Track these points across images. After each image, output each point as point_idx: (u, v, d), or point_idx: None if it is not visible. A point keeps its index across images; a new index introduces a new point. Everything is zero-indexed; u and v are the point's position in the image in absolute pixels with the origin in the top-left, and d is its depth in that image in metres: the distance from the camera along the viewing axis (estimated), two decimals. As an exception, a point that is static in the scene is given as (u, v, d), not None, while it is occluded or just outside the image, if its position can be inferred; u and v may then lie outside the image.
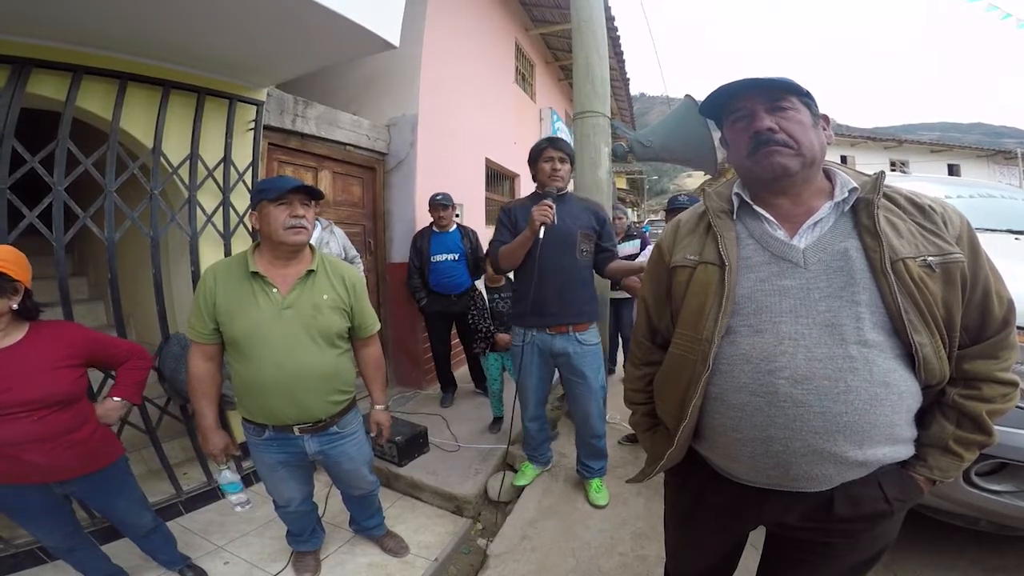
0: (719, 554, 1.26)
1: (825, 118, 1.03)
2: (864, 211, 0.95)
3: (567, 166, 2.35)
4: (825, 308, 0.92)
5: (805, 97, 1.00)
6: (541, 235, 2.12)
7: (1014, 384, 0.96)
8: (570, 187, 2.77)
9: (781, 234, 1.00)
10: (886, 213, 0.95)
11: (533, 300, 2.32)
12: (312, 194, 1.68)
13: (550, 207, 2.12)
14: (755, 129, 0.97)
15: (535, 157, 2.36)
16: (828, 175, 1.04)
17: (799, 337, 0.92)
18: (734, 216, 1.06)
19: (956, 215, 0.97)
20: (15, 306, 1.53)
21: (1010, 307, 0.96)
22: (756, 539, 1.24)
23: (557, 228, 2.23)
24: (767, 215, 1.02)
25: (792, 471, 0.95)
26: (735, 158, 1.05)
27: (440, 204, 3.69)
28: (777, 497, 1.01)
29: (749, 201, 1.04)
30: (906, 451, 0.97)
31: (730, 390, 0.98)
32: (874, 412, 0.89)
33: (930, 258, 0.91)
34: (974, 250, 0.94)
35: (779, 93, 0.98)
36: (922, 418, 0.98)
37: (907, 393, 0.91)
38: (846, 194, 0.97)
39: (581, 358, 2.39)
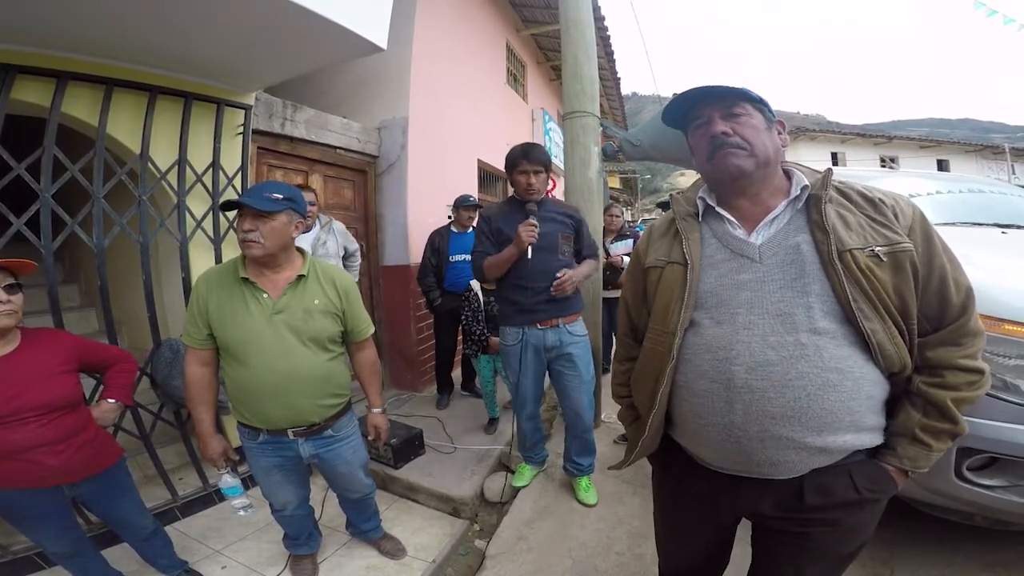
0: (703, 546, 1.28)
1: (781, 123, 1.09)
2: (814, 207, 1.00)
3: (542, 176, 2.40)
4: (779, 299, 0.97)
5: (758, 103, 1.05)
6: (530, 255, 2.24)
7: (979, 371, 0.98)
8: (560, 188, 2.77)
9: (740, 232, 1.06)
10: (838, 207, 1.00)
11: (523, 301, 2.38)
12: (254, 208, 1.57)
13: (534, 226, 2.21)
14: (711, 134, 1.04)
15: (510, 167, 2.41)
16: (788, 175, 1.09)
17: (753, 327, 0.98)
18: (699, 218, 1.13)
19: (908, 207, 1.01)
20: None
21: (968, 294, 0.98)
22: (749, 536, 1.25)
23: (540, 234, 2.32)
24: (728, 216, 1.08)
25: (754, 456, 1.00)
26: (698, 163, 1.12)
27: (472, 205, 3.77)
28: (749, 485, 1.05)
29: (711, 204, 1.11)
30: (872, 439, 0.99)
31: (693, 378, 1.05)
32: (826, 397, 0.93)
33: (877, 248, 0.94)
34: (928, 239, 0.98)
35: (733, 100, 1.04)
36: (893, 407, 1.01)
37: (865, 380, 0.94)
38: (799, 191, 1.02)
39: (572, 347, 2.45)
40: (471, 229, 3.83)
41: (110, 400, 1.84)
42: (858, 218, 0.99)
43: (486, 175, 6.16)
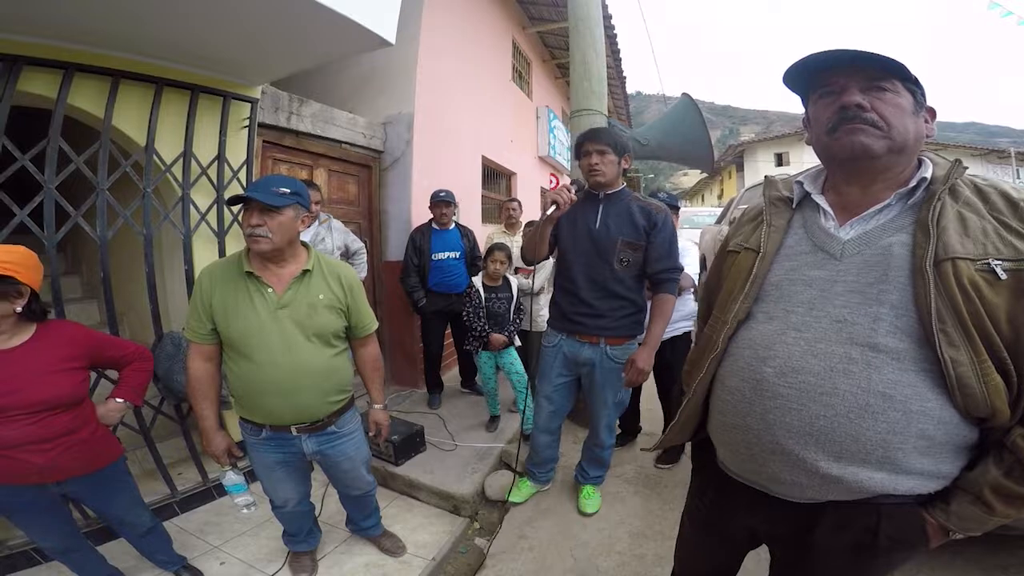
0: (713, 554, 1.24)
1: (931, 111, 0.92)
2: (927, 202, 0.83)
3: (609, 157, 2.06)
4: (843, 303, 0.86)
5: (911, 84, 0.88)
6: (549, 212, 1.98)
7: None
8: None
9: (829, 224, 0.94)
10: (963, 207, 0.83)
11: (564, 306, 2.24)
12: (262, 202, 1.56)
13: (568, 189, 1.98)
14: (842, 103, 0.87)
15: (577, 153, 2.20)
16: (920, 166, 0.92)
17: (804, 328, 0.88)
18: (794, 205, 1.02)
19: None
20: (19, 309, 1.50)
21: None
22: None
23: (595, 233, 2.11)
24: (824, 205, 0.96)
25: (764, 468, 0.93)
26: (815, 136, 0.95)
27: (443, 201, 3.64)
28: (764, 501, 0.98)
29: (808, 190, 0.99)
30: (916, 484, 0.84)
31: (729, 373, 0.98)
32: (859, 423, 0.81)
33: (996, 261, 0.76)
34: None
35: (881, 73, 0.86)
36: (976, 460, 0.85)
37: (922, 415, 0.79)
38: (914, 183, 0.87)
39: (604, 373, 2.23)
40: (453, 226, 3.78)
41: (118, 399, 1.78)
42: (986, 223, 0.80)
43: (490, 172, 6.14)
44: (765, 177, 1.12)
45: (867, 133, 0.85)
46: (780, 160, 22.32)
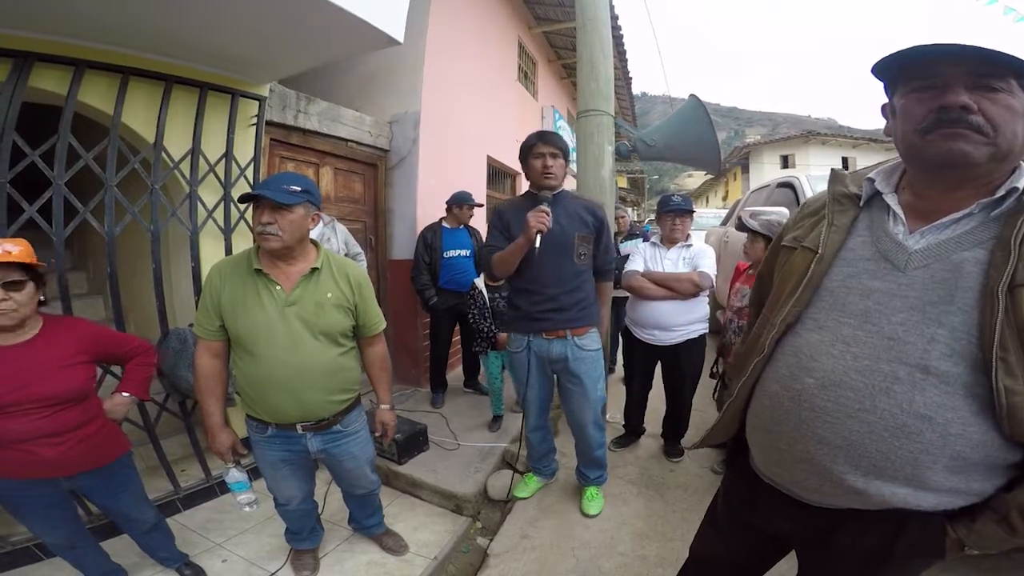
0: (735, 550, 1.22)
1: None
2: (1014, 216, 0.75)
3: (560, 161, 2.18)
4: (900, 320, 0.80)
5: None
6: (537, 244, 2.00)
7: None
8: (571, 184, 2.66)
9: (897, 230, 0.86)
10: None
11: (527, 306, 2.26)
12: (273, 200, 1.55)
13: (547, 213, 2.01)
14: (944, 103, 0.75)
15: (525, 154, 2.23)
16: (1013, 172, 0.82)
17: (853, 342, 0.83)
18: (862, 203, 0.94)
19: None
20: (43, 297, 1.55)
21: None
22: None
23: (552, 231, 2.12)
24: (895, 208, 0.87)
25: (789, 473, 0.93)
26: (900, 129, 0.84)
27: (473, 205, 3.75)
28: (790, 502, 0.97)
29: (880, 189, 0.91)
30: (941, 501, 0.81)
31: (770, 378, 0.95)
32: (893, 443, 0.78)
33: None
34: None
35: (994, 68, 0.74)
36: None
37: (961, 439, 0.75)
38: (1002, 193, 0.77)
39: (578, 364, 2.29)
40: (462, 226, 3.82)
41: (124, 394, 1.79)
42: None
43: (495, 172, 6.14)
44: (832, 170, 1.03)
45: (969, 139, 0.75)
46: (786, 162, 22.24)
